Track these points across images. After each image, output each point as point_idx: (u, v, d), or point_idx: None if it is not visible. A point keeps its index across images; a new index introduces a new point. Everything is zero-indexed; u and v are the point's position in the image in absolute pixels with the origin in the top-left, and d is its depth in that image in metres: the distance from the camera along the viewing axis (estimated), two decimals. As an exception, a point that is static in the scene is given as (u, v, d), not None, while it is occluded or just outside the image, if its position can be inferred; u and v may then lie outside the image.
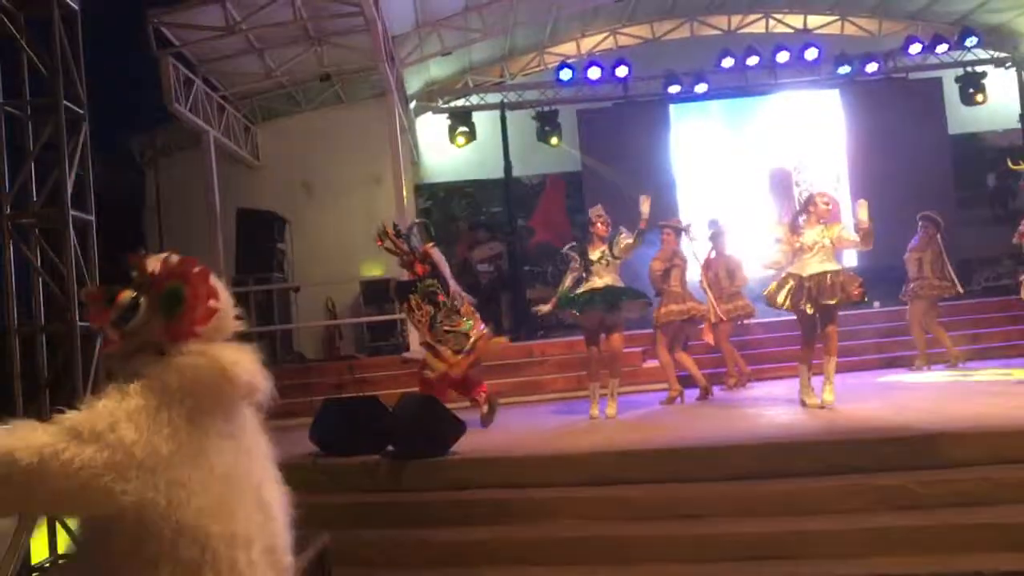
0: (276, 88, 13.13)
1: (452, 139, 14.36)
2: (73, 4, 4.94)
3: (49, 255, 4.86)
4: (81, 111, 4.92)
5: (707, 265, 9.26)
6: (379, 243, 7.81)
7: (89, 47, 5.18)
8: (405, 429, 6.31)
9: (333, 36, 11.53)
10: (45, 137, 4.81)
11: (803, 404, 7.23)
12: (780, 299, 7.22)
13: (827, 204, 7.29)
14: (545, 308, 8.01)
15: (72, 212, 4.81)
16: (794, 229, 7.21)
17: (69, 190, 4.76)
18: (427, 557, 5.41)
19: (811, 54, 14.14)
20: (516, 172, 14.32)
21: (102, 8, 6.63)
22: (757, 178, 14.20)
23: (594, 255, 7.71)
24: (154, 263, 2.06)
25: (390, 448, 6.43)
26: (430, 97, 14.92)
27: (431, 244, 7.86)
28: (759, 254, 8.15)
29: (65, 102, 4.82)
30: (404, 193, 11.55)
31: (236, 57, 11.63)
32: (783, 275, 7.27)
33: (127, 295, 1.97)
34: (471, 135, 14.34)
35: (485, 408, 7.67)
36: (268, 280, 12.16)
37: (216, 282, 2.04)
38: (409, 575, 5.33)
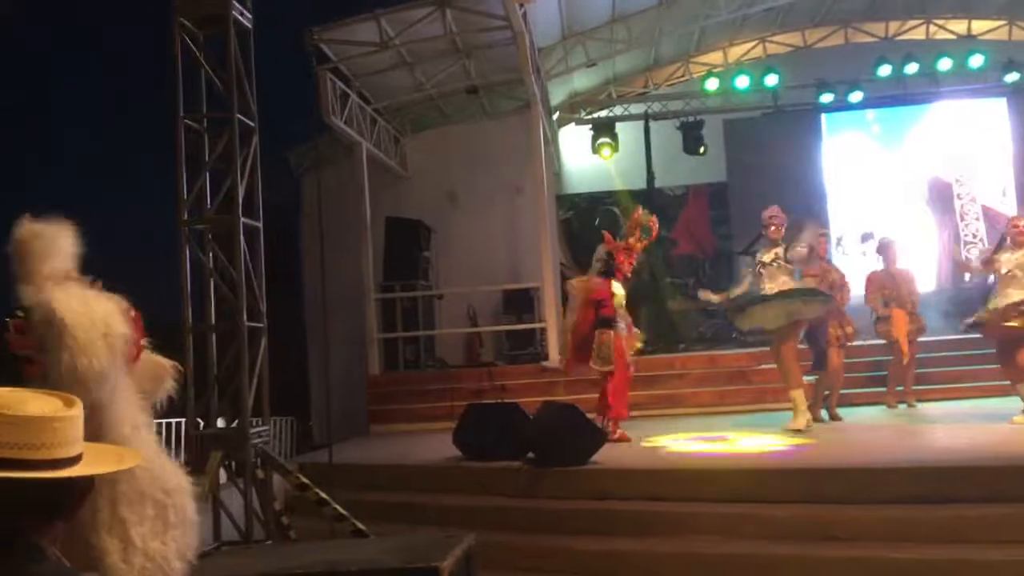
0: (425, 101, 13.50)
1: (595, 150, 14.38)
2: (246, 23, 5.27)
3: (221, 258, 5.20)
4: (252, 124, 5.24)
5: (872, 280, 8.85)
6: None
7: (256, 58, 5.52)
8: (546, 437, 6.37)
9: (481, 49, 11.77)
10: (220, 148, 5.14)
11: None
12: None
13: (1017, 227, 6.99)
14: (715, 298, 7.91)
15: (242, 219, 5.12)
16: (989, 262, 7.03)
17: (240, 198, 5.07)
18: (568, 565, 5.44)
19: (976, 61, 13.40)
20: (659, 183, 14.20)
21: (265, 25, 7.01)
22: (915, 191, 13.57)
23: (767, 257, 7.54)
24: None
25: (530, 455, 6.50)
26: (573, 108, 15.00)
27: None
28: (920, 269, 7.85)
29: (238, 115, 5.14)
30: (545, 204, 11.66)
31: (388, 71, 12.03)
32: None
33: None
34: (614, 146, 14.32)
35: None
36: (413, 287, 12.50)
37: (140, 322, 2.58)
38: (550, 581, 5.37)
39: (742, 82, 13.75)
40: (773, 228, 7.54)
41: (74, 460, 1.50)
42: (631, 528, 5.62)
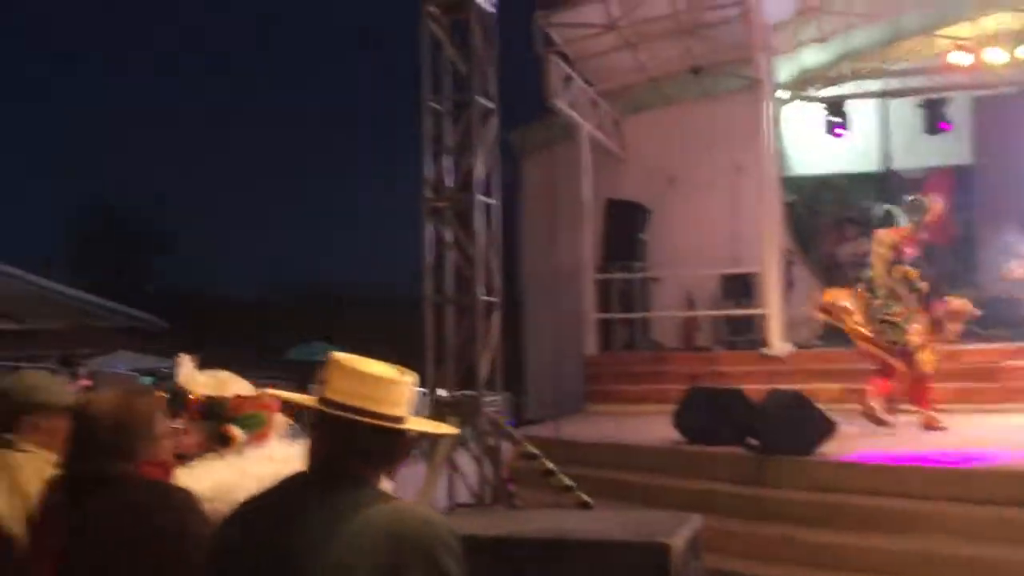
0: (645, 82, 13.41)
1: (825, 129, 13.72)
2: (490, 7, 5.47)
3: (459, 234, 5.45)
4: (492, 105, 5.45)
5: None
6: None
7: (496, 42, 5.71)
8: (772, 423, 6.23)
9: (706, 28, 11.54)
10: (461, 129, 5.38)
11: None
12: None
13: None
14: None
15: (479, 197, 5.34)
16: None
17: (478, 178, 5.29)
18: (791, 555, 5.33)
19: None
20: (895, 165, 13.37)
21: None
22: None
23: None
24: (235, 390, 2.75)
25: (752, 441, 6.38)
26: (801, 86, 14.35)
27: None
28: None
29: (478, 98, 5.35)
30: (770, 186, 11.29)
31: (610, 53, 12.06)
32: None
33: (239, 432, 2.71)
34: (846, 125, 13.60)
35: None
36: (631, 268, 12.52)
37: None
38: (772, 571, 5.27)
39: (993, 56, 12.61)
40: None
41: (403, 419, 1.76)
42: (861, 522, 5.41)
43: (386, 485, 2.01)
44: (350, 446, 1.72)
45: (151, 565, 1.95)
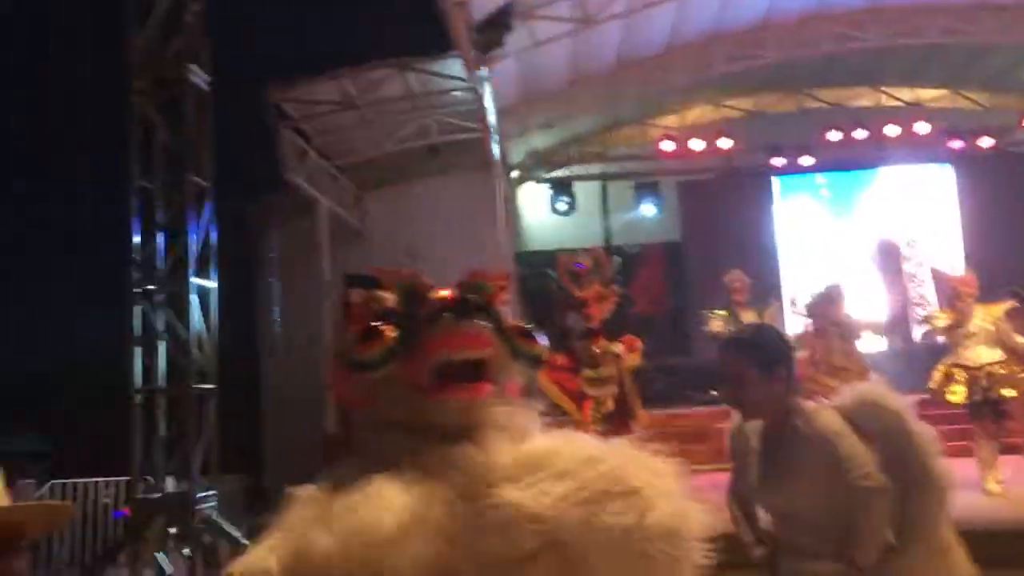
0: (385, 159, 13.58)
1: (553, 208, 14.54)
2: (203, 85, 5.31)
3: (172, 320, 5.14)
4: (206, 184, 5.25)
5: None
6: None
7: (212, 119, 5.54)
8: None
9: (441, 109, 11.92)
10: (173, 210, 5.13)
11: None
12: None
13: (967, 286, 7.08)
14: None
15: (195, 279, 5.09)
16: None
17: (192, 259, 5.05)
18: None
19: (921, 127, 13.83)
20: (616, 241, 14.38)
21: (224, 82, 7.07)
22: (864, 253, 13.87)
23: (746, 317, 7.69)
24: None
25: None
26: (532, 167, 15.19)
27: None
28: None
29: (193, 177, 5.14)
30: (505, 263, 11.71)
31: (349, 129, 12.12)
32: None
33: None
34: (572, 204, 14.50)
35: None
36: (373, 343, 12.42)
37: None
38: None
39: (696, 144, 14.03)
40: (736, 295, 7.73)
41: None
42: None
43: None
44: None
45: None
